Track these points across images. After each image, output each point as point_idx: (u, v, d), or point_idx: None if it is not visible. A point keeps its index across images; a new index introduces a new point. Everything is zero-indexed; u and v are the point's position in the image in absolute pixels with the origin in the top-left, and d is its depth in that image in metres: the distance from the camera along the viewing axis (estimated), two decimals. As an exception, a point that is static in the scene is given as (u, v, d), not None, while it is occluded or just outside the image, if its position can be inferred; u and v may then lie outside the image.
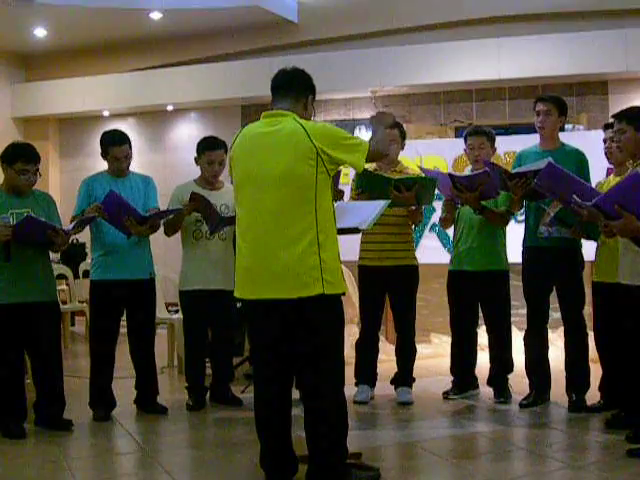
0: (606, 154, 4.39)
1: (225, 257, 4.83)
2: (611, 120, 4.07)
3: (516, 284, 5.05)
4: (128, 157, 4.65)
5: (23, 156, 4.23)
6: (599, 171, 4.49)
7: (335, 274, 3.18)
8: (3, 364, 4.17)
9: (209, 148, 4.81)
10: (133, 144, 4.76)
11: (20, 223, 4.08)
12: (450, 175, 4.73)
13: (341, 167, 3.43)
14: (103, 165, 4.74)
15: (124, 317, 4.74)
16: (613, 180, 4.23)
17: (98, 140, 4.69)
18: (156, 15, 8.66)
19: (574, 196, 3.74)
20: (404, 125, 5.25)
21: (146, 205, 4.63)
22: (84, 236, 5.53)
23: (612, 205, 3.45)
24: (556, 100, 4.63)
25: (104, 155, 4.65)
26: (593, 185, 4.48)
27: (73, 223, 4.20)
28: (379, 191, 4.46)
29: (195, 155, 4.87)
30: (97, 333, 4.64)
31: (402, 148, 4.98)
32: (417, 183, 4.59)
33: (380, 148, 3.34)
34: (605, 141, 4.38)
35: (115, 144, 4.60)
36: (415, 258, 4.98)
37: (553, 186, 3.98)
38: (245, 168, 3.26)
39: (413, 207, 4.75)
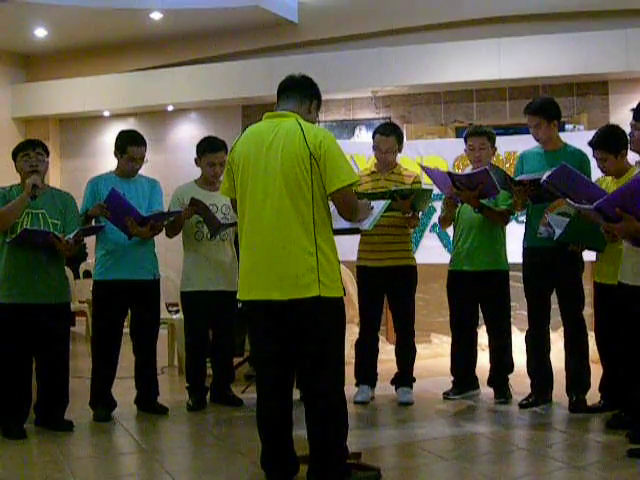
0: (601, 170, 4.32)
1: (226, 258, 4.84)
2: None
3: (516, 284, 5.05)
4: (143, 159, 4.65)
5: (25, 143, 4.31)
6: (600, 172, 4.47)
7: (332, 277, 3.17)
8: (11, 364, 4.17)
9: (210, 150, 4.80)
10: (133, 144, 4.76)
11: (19, 236, 4.09)
12: (450, 174, 4.74)
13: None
14: (104, 165, 4.76)
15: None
16: (612, 182, 4.21)
17: (98, 140, 4.73)
18: (156, 15, 8.66)
19: (569, 200, 3.77)
20: (404, 125, 5.26)
21: (150, 208, 4.62)
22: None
23: (614, 208, 3.45)
24: (540, 110, 4.54)
25: (120, 153, 4.63)
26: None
27: (74, 232, 4.17)
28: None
29: (195, 156, 4.88)
30: (99, 333, 4.64)
31: (400, 151, 4.99)
32: (413, 194, 4.62)
33: (357, 213, 3.34)
34: (597, 159, 4.29)
35: (135, 144, 4.61)
36: (413, 258, 4.98)
37: (563, 186, 3.99)
38: (246, 169, 3.25)
39: (409, 214, 4.77)
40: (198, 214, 4.68)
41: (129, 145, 4.60)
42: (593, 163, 4.48)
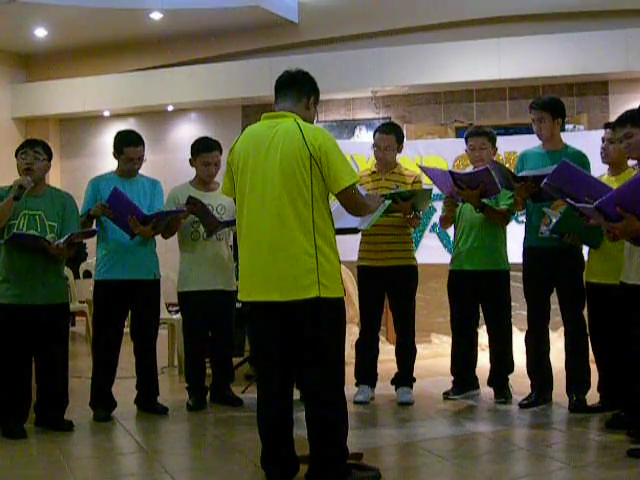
0: (602, 154, 4.35)
1: (223, 257, 4.83)
2: (612, 120, 4.06)
3: (516, 284, 5.05)
4: (141, 159, 4.65)
5: (25, 142, 4.31)
6: (599, 170, 4.48)
7: (332, 278, 3.17)
8: (11, 365, 4.17)
9: (205, 150, 4.81)
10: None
11: (9, 240, 4.09)
12: (451, 172, 4.73)
13: None
14: (104, 165, 4.76)
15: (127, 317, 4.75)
16: (608, 180, 4.22)
17: (98, 140, 4.72)
18: (156, 15, 8.67)
19: (569, 200, 3.76)
20: (404, 125, 5.26)
21: (151, 208, 4.62)
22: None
23: (614, 207, 3.45)
24: (547, 105, 4.56)
25: (117, 154, 4.64)
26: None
27: (65, 236, 4.15)
28: None
29: (190, 157, 4.88)
30: (99, 333, 4.63)
31: (400, 151, 4.99)
32: (414, 196, 4.63)
33: (365, 207, 3.39)
34: (603, 140, 4.34)
35: (131, 144, 4.60)
36: (414, 258, 4.98)
37: (564, 185, 3.96)
38: (245, 169, 3.25)
39: (409, 215, 4.77)
40: (194, 214, 4.68)
41: (125, 146, 4.60)
42: (593, 165, 4.49)
